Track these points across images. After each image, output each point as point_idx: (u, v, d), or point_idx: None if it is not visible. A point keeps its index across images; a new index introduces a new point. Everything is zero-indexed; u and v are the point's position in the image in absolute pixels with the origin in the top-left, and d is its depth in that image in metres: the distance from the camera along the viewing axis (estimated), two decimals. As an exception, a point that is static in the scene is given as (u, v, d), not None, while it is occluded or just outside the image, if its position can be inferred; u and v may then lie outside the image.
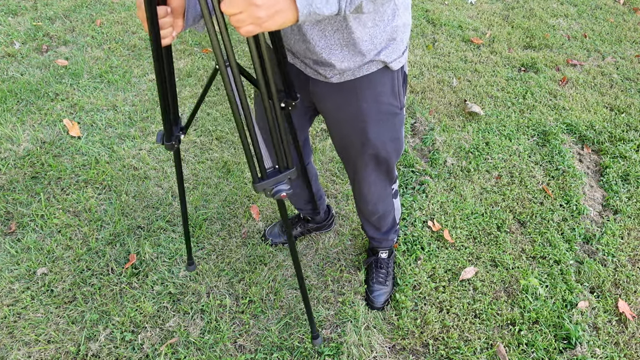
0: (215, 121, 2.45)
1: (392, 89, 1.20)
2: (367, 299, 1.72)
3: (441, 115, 2.61)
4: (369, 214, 1.57)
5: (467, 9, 3.73)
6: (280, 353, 1.56)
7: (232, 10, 0.73)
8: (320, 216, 1.85)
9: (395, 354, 1.59)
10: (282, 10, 0.75)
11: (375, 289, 1.72)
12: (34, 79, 2.63)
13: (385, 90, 1.19)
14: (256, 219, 1.99)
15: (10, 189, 2.03)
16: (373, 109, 1.20)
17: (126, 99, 2.56)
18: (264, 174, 0.96)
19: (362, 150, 1.29)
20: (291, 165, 0.99)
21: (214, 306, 1.68)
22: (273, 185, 0.97)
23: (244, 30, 0.76)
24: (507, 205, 2.10)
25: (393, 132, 1.27)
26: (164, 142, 1.15)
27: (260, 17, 0.74)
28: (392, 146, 1.30)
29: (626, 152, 2.39)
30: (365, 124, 1.22)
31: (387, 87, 1.19)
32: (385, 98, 1.20)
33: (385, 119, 1.23)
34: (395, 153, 1.33)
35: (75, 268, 1.76)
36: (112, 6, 3.37)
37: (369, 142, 1.26)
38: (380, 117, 1.22)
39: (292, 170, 0.99)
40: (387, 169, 1.39)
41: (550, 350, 1.60)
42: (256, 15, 0.74)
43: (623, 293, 1.78)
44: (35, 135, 2.29)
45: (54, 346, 1.55)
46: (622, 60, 3.18)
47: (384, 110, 1.22)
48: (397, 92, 1.22)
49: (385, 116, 1.23)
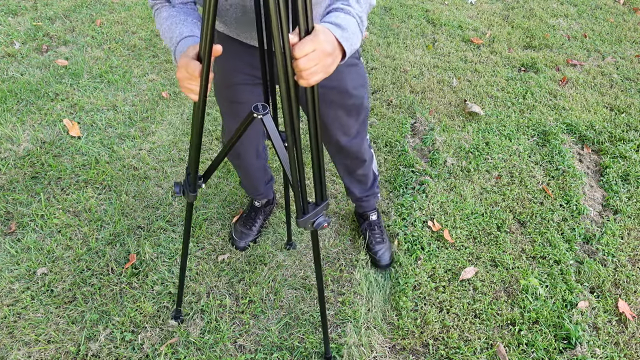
0: (215, 121, 2.45)
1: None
2: (373, 261, 1.84)
3: (441, 115, 2.61)
4: (355, 166, 1.66)
5: (467, 9, 3.73)
6: (280, 353, 1.56)
7: (310, 64, 0.81)
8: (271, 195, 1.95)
9: (395, 354, 1.59)
10: (337, 55, 0.86)
11: (378, 249, 1.84)
12: (34, 79, 2.63)
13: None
14: (256, 219, 1.99)
15: (10, 189, 2.03)
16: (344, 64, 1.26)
17: (126, 99, 2.56)
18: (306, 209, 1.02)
19: (340, 104, 1.40)
20: (325, 198, 1.05)
21: (214, 306, 1.68)
22: (314, 218, 1.04)
23: (313, 80, 0.83)
24: (507, 205, 2.10)
25: (360, 78, 1.41)
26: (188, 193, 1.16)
27: (328, 64, 0.83)
28: (362, 90, 1.42)
29: (626, 152, 2.39)
30: (340, 80, 1.33)
31: None
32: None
33: (353, 70, 1.36)
34: (366, 96, 1.47)
35: (75, 268, 1.76)
36: (112, 6, 3.37)
37: (347, 93, 1.37)
38: (350, 69, 1.34)
39: (326, 202, 1.05)
40: (364, 114, 1.50)
41: (550, 350, 1.60)
42: (326, 64, 0.82)
43: (623, 293, 1.78)
44: (35, 135, 2.29)
45: (54, 346, 1.55)
46: (622, 60, 3.18)
47: (350, 63, 1.34)
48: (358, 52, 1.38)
49: (352, 67, 1.35)
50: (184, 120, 2.45)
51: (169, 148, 2.29)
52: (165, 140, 2.32)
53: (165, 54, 2.92)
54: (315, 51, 0.81)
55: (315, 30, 0.82)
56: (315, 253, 1.20)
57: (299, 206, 1.01)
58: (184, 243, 1.36)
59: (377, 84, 2.79)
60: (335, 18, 0.90)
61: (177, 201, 2.03)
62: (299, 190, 0.99)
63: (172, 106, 2.53)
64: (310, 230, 1.06)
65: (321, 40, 0.81)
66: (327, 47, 0.82)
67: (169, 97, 2.60)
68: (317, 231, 1.10)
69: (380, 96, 2.70)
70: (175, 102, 2.56)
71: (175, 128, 2.40)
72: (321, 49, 0.81)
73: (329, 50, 0.83)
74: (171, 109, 2.52)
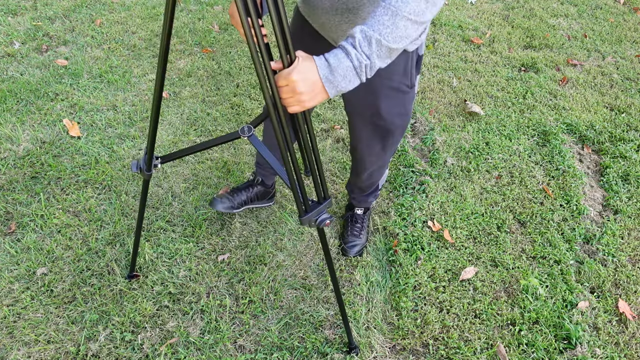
0: (215, 121, 2.45)
1: (404, 69, 1.27)
2: (342, 249, 1.87)
3: (441, 115, 2.61)
4: (362, 179, 1.71)
5: (467, 8, 3.73)
6: (280, 353, 1.56)
7: (283, 96, 0.90)
8: (272, 181, 1.97)
9: (396, 354, 1.59)
10: (318, 93, 0.90)
11: (350, 240, 1.87)
12: (33, 79, 2.63)
13: (397, 69, 1.26)
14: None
15: (10, 189, 2.03)
16: (384, 85, 1.29)
17: (126, 99, 2.56)
18: (308, 207, 1.06)
19: (371, 121, 1.39)
20: (328, 196, 1.08)
21: (214, 306, 1.68)
22: (316, 216, 1.07)
23: (291, 110, 0.91)
24: (507, 205, 2.10)
25: (401, 107, 1.36)
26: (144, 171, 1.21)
27: (303, 100, 0.89)
28: (399, 121, 1.39)
29: (626, 152, 2.39)
30: (375, 98, 1.32)
31: (400, 67, 1.26)
32: (397, 76, 1.28)
33: (394, 95, 1.32)
34: (400, 128, 1.43)
35: (75, 268, 1.76)
36: (112, 6, 3.37)
37: (379, 114, 1.35)
38: (390, 92, 1.31)
39: (329, 200, 1.08)
40: (391, 142, 1.48)
41: (550, 350, 1.60)
42: (300, 100, 0.89)
43: (623, 293, 1.78)
44: (35, 135, 2.29)
45: (53, 346, 1.55)
46: (622, 60, 3.18)
47: (394, 87, 1.30)
48: (408, 72, 1.29)
49: (395, 92, 1.31)
50: (183, 120, 2.45)
51: (169, 148, 2.29)
52: (165, 140, 2.32)
53: (165, 54, 2.92)
54: (288, 86, 0.87)
55: (296, 65, 0.86)
56: (324, 248, 1.23)
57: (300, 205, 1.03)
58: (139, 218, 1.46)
59: (377, 83, 2.79)
60: (334, 56, 0.87)
61: (177, 201, 2.03)
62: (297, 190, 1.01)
63: (172, 106, 2.53)
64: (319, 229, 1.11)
65: (293, 79, 0.86)
66: (300, 86, 0.86)
67: (168, 97, 2.60)
68: (324, 231, 1.13)
69: (380, 96, 2.70)
70: (175, 102, 2.56)
71: (175, 128, 2.40)
72: (292, 87, 0.87)
73: (302, 90, 0.87)
74: (171, 109, 2.51)
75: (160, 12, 3.31)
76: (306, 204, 1.04)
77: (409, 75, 1.30)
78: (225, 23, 3.24)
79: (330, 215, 1.09)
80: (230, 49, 3.00)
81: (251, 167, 2.21)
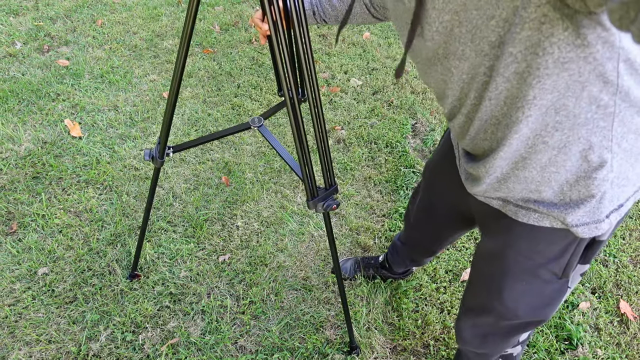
0: (216, 122, 2.45)
1: (560, 255, 0.85)
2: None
3: (442, 116, 2.61)
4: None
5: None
6: (281, 354, 1.56)
7: None
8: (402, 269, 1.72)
9: (397, 355, 1.59)
10: None
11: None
12: (35, 79, 2.63)
13: (548, 253, 0.86)
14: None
15: (11, 189, 2.04)
16: (519, 263, 0.90)
17: (127, 100, 2.56)
18: (315, 192, 1.09)
19: (488, 298, 1.00)
20: (334, 183, 1.11)
21: (215, 307, 1.68)
22: (323, 200, 1.09)
23: None
24: (508, 206, 2.10)
25: (535, 299, 0.94)
26: (157, 159, 1.25)
27: None
28: (526, 312, 0.96)
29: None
30: (502, 275, 0.94)
31: (553, 252, 0.85)
32: (542, 259, 0.87)
33: (529, 281, 0.91)
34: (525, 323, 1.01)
35: (76, 268, 1.76)
36: (113, 6, 3.37)
37: (499, 296, 0.96)
38: (524, 277, 0.91)
39: (335, 186, 1.11)
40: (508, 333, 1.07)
41: (551, 351, 1.60)
42: None
43: (625, 294, 1.78)
44: (36, 135, 2.29)
45: (54, 346, 1.55)
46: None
47: (532, 272, 0.90)
48: (565, 261, 0.86)
49: (532, 279, 0.90)
50: (184, 120, 2.45)
51: (170, 148, 2.29)
52: (166, 141, 2.32)
53: (166, 54, 2.92)
54: None
55: None
56: (329, 235, 1.24)
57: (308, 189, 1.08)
58: (147, 207, 1.46)
59: (378, 84, 2.78)
60: None
61: (178, 202, 2.03)
62: (307, 176, 1.05)
63: (173, 106, 2.54)
64: (322, 213, 1.13)
65: None
66: None
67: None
68: (329, 213, 1.17)
69: (381, 97, 2.70)
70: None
71: (176, 128, 2.40)
72: None
73: None
74: (172, 109, 2.52)
75: (161, 13, 3.32)
76: (314, 189, 1.09)
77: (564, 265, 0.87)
78: (226, 24, 3.25)
79: (337, 200, 1.13)
80: (231, 50, 3.00)
81: (252, 167, 2.21)
